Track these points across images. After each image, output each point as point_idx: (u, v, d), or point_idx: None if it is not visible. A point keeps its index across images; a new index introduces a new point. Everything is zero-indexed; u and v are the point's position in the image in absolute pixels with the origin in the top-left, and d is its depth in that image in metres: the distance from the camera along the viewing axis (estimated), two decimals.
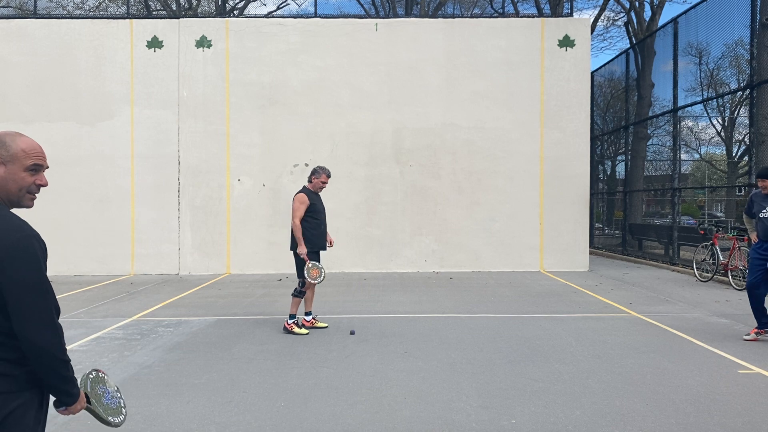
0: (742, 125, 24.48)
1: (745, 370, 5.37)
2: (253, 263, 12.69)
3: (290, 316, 6.83)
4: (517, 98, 12.84)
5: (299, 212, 6.68)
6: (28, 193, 1.93)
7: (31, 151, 1.92)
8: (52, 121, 12.64)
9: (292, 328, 6.76)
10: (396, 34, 12.90)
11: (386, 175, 12.88)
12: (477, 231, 12.86)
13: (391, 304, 8.84)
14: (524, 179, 12.84)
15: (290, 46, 12.82)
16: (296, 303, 6.85)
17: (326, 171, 6.89)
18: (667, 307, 8.55)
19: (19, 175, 1.90)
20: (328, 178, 6.92)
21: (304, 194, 6.77)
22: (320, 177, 6.86)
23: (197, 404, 4.50)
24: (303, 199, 6.73)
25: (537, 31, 12.87)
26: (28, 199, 1.94)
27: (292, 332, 6.75)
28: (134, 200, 12.64)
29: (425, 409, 4.40)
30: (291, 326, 6.78)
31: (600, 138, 20.19)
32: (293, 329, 6.76)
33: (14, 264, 1.81)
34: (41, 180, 1.95)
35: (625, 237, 16.54)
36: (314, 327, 7.06)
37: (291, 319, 6.81)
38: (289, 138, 12.81)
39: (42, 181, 1.96)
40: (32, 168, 1.91)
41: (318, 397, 4.66)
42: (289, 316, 6.83)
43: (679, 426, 4.06)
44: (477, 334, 6.76)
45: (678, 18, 13.57)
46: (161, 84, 12.74)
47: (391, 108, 12.86)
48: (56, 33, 12.71)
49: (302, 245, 6.66)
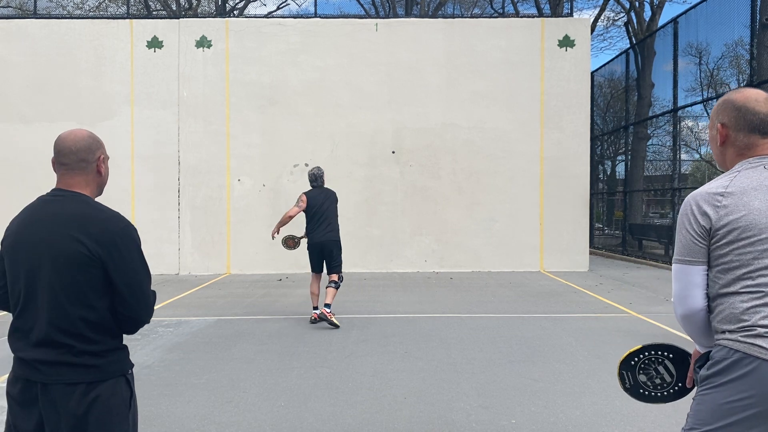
0: None
1: None
2: (253, 263, 12.69)
3: (328, 305, 7.13)
4: (517, 98, 12.84)
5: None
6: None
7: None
8: (52, 121, 12.63)
9: (331, 317, 7.08)
10: (396, 34, 12.89)
11: (386, 175, 12.88)
12: (477, 231, 12.85)
13: (391, 304, 8.84)
14: (524, 179, 12.84)
15: (290, 46, 12.82)
16: (334, 294, 7.23)
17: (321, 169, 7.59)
18: (667, 307, 8.54)
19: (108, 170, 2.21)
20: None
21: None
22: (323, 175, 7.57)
23: (197, 404, 4.50)
24: None
25: (537, 31, 12.86)
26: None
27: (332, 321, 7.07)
28: (134, 200, 12.64)
29: (425, 409, 4.39)
30: (331, 315, 7.11)
31: (600, 138, 20.20)
32: (332, 318, 7.09)
33: (120, 251, 1.99)
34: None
35: (625, 237, 16.53)
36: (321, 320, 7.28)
37: (329, 309, 7.14)
38: (289, 138, 12.81)
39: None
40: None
41: (318, 397, 4.66)
42: (328, 305, 7.13)
43: (679, 426, 4.05)
44: (477, 334, 6.76)
45: (678, 18, 13.57)
46: (161, 84, 12.73)
47: (391, 108, 12.86)
48: (56, 33, 12.70)
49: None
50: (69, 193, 2.07)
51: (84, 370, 1.97)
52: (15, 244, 2.04)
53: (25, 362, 1.99)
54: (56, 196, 2.07)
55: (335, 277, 7.26)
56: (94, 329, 1.99)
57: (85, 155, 2.09)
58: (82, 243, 1.96)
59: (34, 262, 1.99)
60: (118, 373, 2.04)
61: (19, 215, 2.10)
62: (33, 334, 1.99)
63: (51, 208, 2.04)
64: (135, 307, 2.02)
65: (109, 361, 2.02)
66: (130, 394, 2.06)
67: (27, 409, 1.99)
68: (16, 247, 2.03)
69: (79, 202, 2.05)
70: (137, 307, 2.03)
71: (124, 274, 1.99)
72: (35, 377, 1.97)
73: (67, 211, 2.02)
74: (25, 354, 1.99)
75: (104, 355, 2.01)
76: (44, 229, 2.00)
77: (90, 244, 1.96)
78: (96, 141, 2.16)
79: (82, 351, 1.97)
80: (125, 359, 2.08)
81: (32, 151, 12.59)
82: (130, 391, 2.06)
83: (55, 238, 1.98)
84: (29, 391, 1.98)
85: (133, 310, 2.02)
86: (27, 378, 1.98)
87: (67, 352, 1.96)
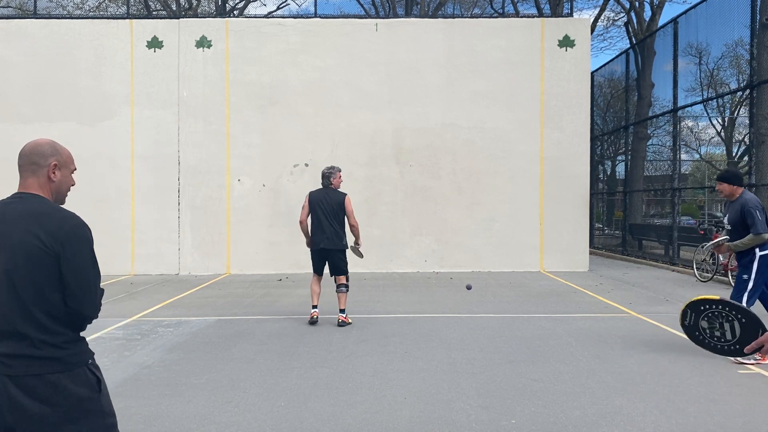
0: (742, 125, 24.47)
1: (745, 370, 5.37)
2: (253, 263, 12.69)
3: (342, 310, 7.18)
4: (517, 98, 12.83)
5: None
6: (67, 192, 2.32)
7: (71, 157, 2.30)
8: (52, 121, 12.63)
9: (347, 320, 7.17)
10: (396, 34, 12.89)
11: (386, 175, 12.88)
12: (477, 231, 12.85)
13: (391, 304, 8.84)
14: (524, 179, 12.84)
15: (290, 46, 12.82)
16: (346, 298, 7.23)
17: (337, 168, 7.36)
18: (667, 307, 8.54)
19: (68, 177, 2.28)
20: (341, 172, 7.43)
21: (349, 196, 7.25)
22: (337, 176, 7.28)
23: (197, 404, 4.50)
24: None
25: (537, 31, 12.86)
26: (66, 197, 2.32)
27: (348, 323, 7.17)
28: (134, 200, 12.64)
29: (425, 409, 4.39)
30: (346, 318, 7.18)
31: (600, 138, 20.19)
32: (348, 320, 7.18)
33: (73, 247, 2.09)
34: (73, 181, 2.33)
35: (625, 237, 16.53)
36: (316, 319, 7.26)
37: (344, 314, 7.19)
38: (289, 138, 12.81)
39: (74, 183, 2.33)
40: (73, 171, 2.30)
41: (318, 397, 4.66)
42: (342, 311, 7.18)
43: (679, 426, 4.06)
44: (477, 334, 6.76)
45: (678, 18, 13.57)
46: (161, 84, 12.73)
47: (391, 108, 12.86)
48: (56, 33, 12.70)
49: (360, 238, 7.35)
50: (27, 194, 2.20)
51: (48, 362, 2.04)
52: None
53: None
54: (15, 197, 2.20)
55: (342, 280, 7.20)
56: (53, 321, 2.07)
57: (36, 159, 2.20)
58: (38, 237, 2.05)
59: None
60: (81, 364, 2.12)
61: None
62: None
63: (11, 207, 2.15)
64: (82, 301, 2.10)
65: (71, 352, 2.10)
66: (96, 379, 2.14)
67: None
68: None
69: (36, 202, 2.16)
70: (84, 300, 2.10)
71: (74, 269, 2.08)
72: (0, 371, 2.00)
73: (26, 208, 2.13)
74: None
75: (65, 347, 2.09)
76: (5, 227, 2.09)
77: (46, 238, 2.06)
78: (52, 148, 2.23)
79: (42, 342, 2.04)
80: (86, 350, 2.17)
81: None
82: (96, 377, 2.14)
83: (14, 232, 2.07)
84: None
85: (80, 304, 2.10)
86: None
87: (29, 345, 2.03)
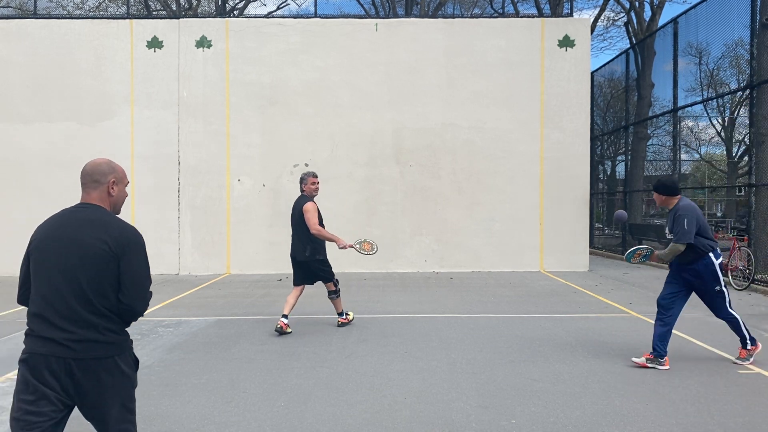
0: (742, 125, 24.46)
1: (745, 370, 5.37)
2: (253, 263, 12.69)
3: (340, 314, 7.14)
4: (517, 98, 12.83)
5: (315, 219, 6.65)
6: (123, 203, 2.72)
7: (125, 173, 2.68)
8: (52, 121, 12.64)
9: (348, 320, 7.18)
10: (396, 34, 12.89)
11: (386, 175, 12.88)
12: (477, 231, 12.85)
13: (391, 304, 8.84)
14: (524, 179, 12.84)
15: (290, 46, 12.82)
16: (339, 302, 7.12)
17: (310, 173, 6.87)
18: None
19: (123, 191, 2.66)
20: (316, 177, 6.89)
21: (313, 202, 6.73)
22: (308, 182, 6.79)
23: (197, 404, 4.50)
24: (314, 206, 6.73)
25: (537, 31, 12.87)
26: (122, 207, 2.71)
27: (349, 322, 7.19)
28: (134, 200, 12.64)
29: (425, 409, 4.39)
30: (347, 318, 7.17)
31: (600, 138, 20.19)
32: (349, 319, 7.19)
33: (132, 252, 2.48)
34: (127, 194, 2.71)
35: (625, 237, 16.53)
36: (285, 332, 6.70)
37: (342, 316, 7.14)
38: (289, 138, 12.81)
39: (127, 195, 2.72)
40: (126, 184, 2.69)
41: (318, 397, 4.66)
42: (340, 314, 7.14)
43: (679, 426, 4.06)
44: (477, 334, 6.76)
45: (678, 18, 13.57)
46: (161, 84, 12.73)
47: (391, 108, 12.86)
48: (56, 33, 12.70)
49: (340, 239, 6.78)
50: (90, 205, 2.57)
51: (107, 347, 2.44)
52: (44, 244, 2.48)
53: (52, 341, 2.39)
54: (80, 207, 2.56)
55: (330, 287, 6.97)
56: (111, 313, 2.46)
57: (98, 177, 2.58)
58: (105, 242, 2.44)
59: (64, 258, 2.43)
60: (129, 349, 2.56)
61: (46, 222, 2.55)
62: (59, 317, 2.39)
63: (77, 215, 2.52)
64: (135, 298, 2.47)
65: (123, 338, 2.53)
66: (136, 360, 2.60)
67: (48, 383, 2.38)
68: (45, 246, 2.47)
69: (99, 212, 2.54)
70: (136, 298, 2.47)
71: (131, 271, 2.46)
72: (63, 354, 2.38)
73: (91, 217, 2.50)
74: (51, 334, 2.39)
75: (120, 334, 2.51)
76: (73, 231, 2.46)
77: (111, 243, 2.44)
78: (109, 167, 2.62)
79: (106, 329, 2.44)
80: (130, 338, 2.58)
81: (32, 151, 12.60)
82: (136, 358, 2.61)
83: (83, 238, 2.44)
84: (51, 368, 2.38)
85: (133, 300, 2.47)
86: (52, 355, 2.38)
87: (94, 332, 2.42)
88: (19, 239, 12.48)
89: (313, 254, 6.75)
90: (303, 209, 6.64)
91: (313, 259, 6.77)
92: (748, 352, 5.52)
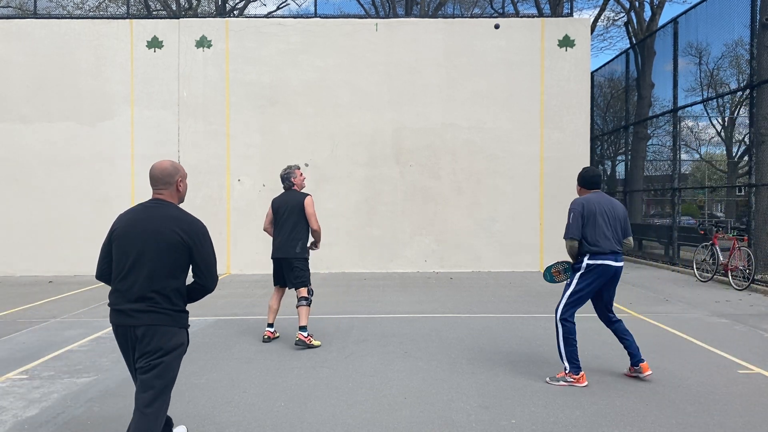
0: (742, 125, 24.42)
1: (745, 370, 5.37)
2: (253, 263, 12.69)
3: (302, 328, 6.17)
4: (517, 98, 12.83)
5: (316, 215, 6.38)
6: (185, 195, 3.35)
7: (185, 170, 3.33)
8: (52, 121, 12.64)
9: (310, 342, 6.16)
10: (396, 34, 12.89)
11: (386, 175, 12.88)
12: (477, 231, 12.85)
13: (391, 304, 8.84)
14: (524, 179, 12.84)
15: (290, 46, 12.82)
16: (307, 313, 6.26)
17: (295, 166, 6.51)
18: (667, 307, 8.55)
19: (186, 183, 3.30)
20: (299, 169, 6.55)
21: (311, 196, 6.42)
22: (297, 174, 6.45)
23: (197, 404, 4.50)
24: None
25: (537, 31, 12.87)
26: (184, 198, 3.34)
27: (310, 346, 6.14)
28: (134, 200, 12.63)
29: (425, 409, 4.40)
30: (309, 339, 6.16)
31: (600, 138, 20.18)
32: (312, 342, 6.17)
33: (201, 242, 3.12)
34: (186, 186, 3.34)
35: None
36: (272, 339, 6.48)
37: (305, 332, 6.17)
38: (289, 138, 12.81)
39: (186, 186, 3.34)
40: (186, 177, 3.32)
41: (318, 397, 4.66)
42: (301, 328, 6.17)
43: (679, 426, 4.06)
44: (477, 334, 6.76)
45: (678, 18, 13.56)
46: (161, 84, 12.73)
47: (391, 108, 12.86)
48: (56, 33, 12.70)
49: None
50: (163, 201, 3.19)
51: (166, 318, 3.05)
52: (126, 233, 3.07)
53: (122, 312, 3.03)
54: (155, 202, 3.19)
55: (303, 292, 6.26)
56: (175, 294, 3.08)
57: (168, 179, 3.22)
58: (178, 233, 3.05)
59: (142, 246, 3.03)
60: (186, 326, 3.16)
61: (126, 213, 3.16)
62: (132, 293, 3.02)
63: (153, 211, 3.13)
64: (207, 278, 3.16)
65: (181, 317, 3.13)
66: (188, 335, 3.20)
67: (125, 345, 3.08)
68: (127, 234, 3.07)
69: (172, 208, 3.18)
70: (208, 278, 3.16)
71: (202, 256, 3.12)
72: (130, 323, 3.01)
73: (166, 213, 3.11)
74: (123, 307, 3.03)
75: (179, 312, 3.11)
76: (151, 223, 3.07)
77: (183, 235, 3.06)
78: (175, 168, 3.25)
79: (165, 307, 3.05)
80: (187, 318, 3.18)
81: (32, 151, 12.60)
82: (188, 334, 3.21)
83: (160, 230, 3.05)
84: (125, 334, 3.05)
85: (206, 280, 3.16)
86: (123, 324, 3.04)
87: (156, 306, 3.02)
88: (19, 239, 12.52)
89: (302, 252, 6.31)
90: (305, 203, 6.27)
91: (301, 258, 6.30)
92: (562, 374, 4.94)
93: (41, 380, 5.12)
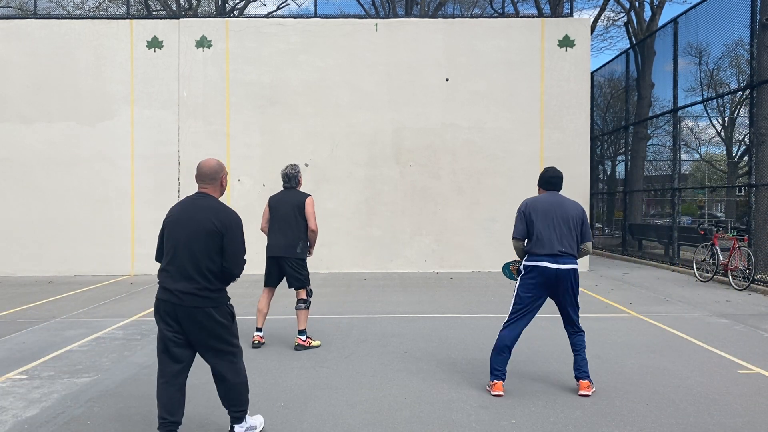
0: (742, 125, 24.44)
1: (745, 370, 5.38)
2: (253, 263, 12.62)
3: (301, 332, 6.14)
4: (517, 98, 12.83)
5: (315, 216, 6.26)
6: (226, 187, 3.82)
7: (225, 167, 3.76)
8: (52, 121, 12.64)
9: (309, 344, 6.14)
10: (396, 35, 12.89)
11: (386, 175, 12.88)
12: (477, 231, 12.85)
13: (391, 304, 8.84)
14: (524, 179, 12.82)
15: (290, 46, 12.82)
16: (306, 316, 6.22)
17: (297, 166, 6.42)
18: (667, 307, 8.55)
19: (227, 181, 3.77)
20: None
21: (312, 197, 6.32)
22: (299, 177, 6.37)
23: (197, 404, 4.50)
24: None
25: (537, 31, 12.86)
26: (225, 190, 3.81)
27: (310, 346, 6.15)
28: (134, 200, 12.64)
29: (425, 409, 4.40)
30: (308, 342, 6.14)
31: (600, 138, 20.19)
32: (311, 343, 6.17)
33: (233, 230, 3.55)
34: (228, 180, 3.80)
35: (625, 237, 16.53)
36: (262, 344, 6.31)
37: (303, 335, 6.13)
38: (289, 138, 12.80)
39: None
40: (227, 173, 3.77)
41: (318, 397, 4.66)
42: (300, 332, 6.14)
43: (679, 426, 4.06)
44: (477, 334, 6.76)
45: (678, 18, 13.57)
46: (161, 84, 12.73)
47: (391, 108, 12.86)
48: (56, 33, 12.70)
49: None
50: (207, 195, 3.65)
51: (206, 299, 3.48)
52: (177, 220, 3.54)
53: (169, 291, 3.46)
54: (200, 195, 3.64)
55: (303, 294, 6.19)
56: (213, 275, 3.50)
57: (214, 175, 3.67)
58: (214, 223, 3.50)
59: (185, 232, 3.49)
60: (224, 303, 3.60)
61: (176, 205, 3.64)
62: (177, 274, 3.47)
63: (197, 202, 3.59)
64: (233, 264, 3.55)
65: (220, 296, 3.56)
66: (231, 313, 3.66)
67: (169, 322, 3.50)
68: (177, 221, 3.54)
69: (213, 200, 3.63)
70: (235, 264, 3.56)
71: (232, 243, 3.53)
72: (175, 301, 3.45)
73: (207, 204, 3.58)
74: (170, 286, 3.47)
75: (217, 292, 3.55)
76: (195, 213, 3.53)
77: (218, 223, 3.50)
78: (219, 165, 3.69)
79: (204, 287, 3.48)
80: (227, 295, 3.65)
81: (32, 151, 12.59)
82: (231, 312, 3.66)
83: (200, 218, 3.50)
84: (171, 311, 3.48)
85: (232, 265, 3.55)
86: (169, 301, 3.46)
87: (197, 287, 3.46)
88: (19, 239, 12.52)
89: (303, 252, 6.22)
90: (306, 203, 6.15)
91: (301, 258, 6.21)
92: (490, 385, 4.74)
93: (41, 380, 5.12)
